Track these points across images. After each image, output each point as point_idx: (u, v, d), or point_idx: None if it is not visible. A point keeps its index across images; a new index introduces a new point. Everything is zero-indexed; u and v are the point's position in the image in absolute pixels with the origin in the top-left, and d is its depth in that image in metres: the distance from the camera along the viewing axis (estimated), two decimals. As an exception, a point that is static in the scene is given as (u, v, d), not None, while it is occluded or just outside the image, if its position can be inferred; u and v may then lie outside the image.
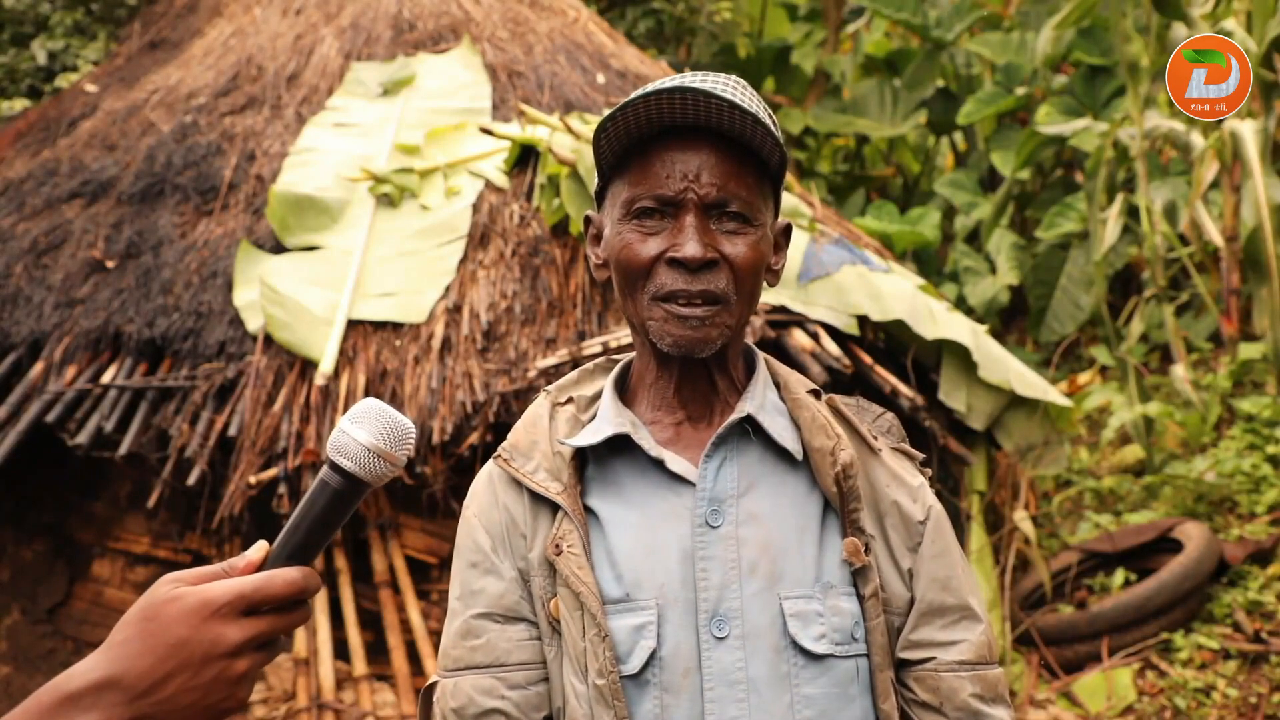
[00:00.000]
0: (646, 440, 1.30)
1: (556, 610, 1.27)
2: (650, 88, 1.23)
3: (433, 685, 1.32)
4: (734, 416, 1.30)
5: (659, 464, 1.29)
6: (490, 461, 1.37)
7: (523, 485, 1.31)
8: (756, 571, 1.26)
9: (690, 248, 1.24)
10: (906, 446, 1.39)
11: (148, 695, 0.94)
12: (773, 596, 1.25)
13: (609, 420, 1.32)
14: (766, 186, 1.31)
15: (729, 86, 1.26)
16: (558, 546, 1.26)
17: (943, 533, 1.35)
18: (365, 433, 1.03)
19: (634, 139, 1.28)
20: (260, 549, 1.03)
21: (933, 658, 1.30)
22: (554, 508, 1.29)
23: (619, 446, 1.31)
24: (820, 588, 1.26)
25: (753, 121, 1.23)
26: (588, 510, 1.30)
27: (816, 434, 1.30)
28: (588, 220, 1.39)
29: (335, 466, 1.03)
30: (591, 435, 1.31)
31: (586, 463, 1.33)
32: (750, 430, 1.31)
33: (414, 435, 1.07)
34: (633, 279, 1.29)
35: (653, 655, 1.24)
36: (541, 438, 1.33)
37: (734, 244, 1.27)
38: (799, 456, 1.31)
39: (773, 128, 1.26)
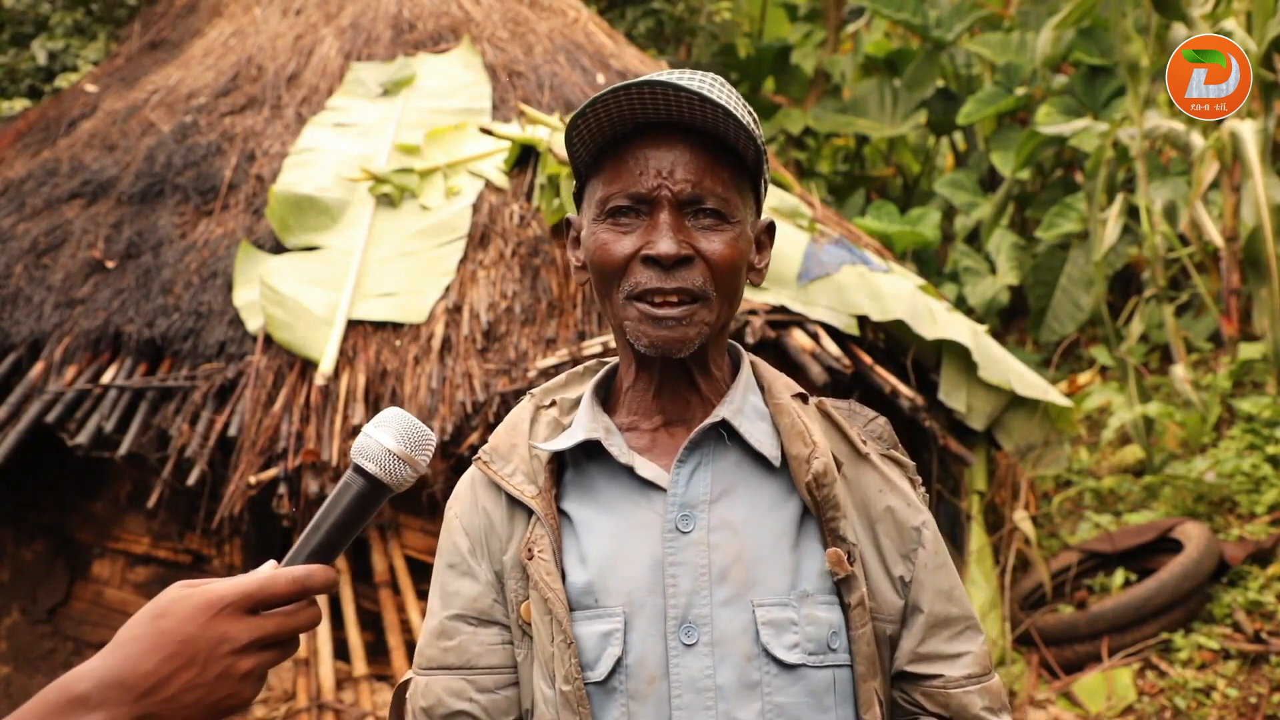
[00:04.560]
0: (616, 446, 1.29)
1: (528, 613, 1.27)
2: (621, 83, 1.22)
3: (407, 682, 1.33)
4: (708, 421, 1.28)
5: (630, 470, 1.28)
6: (472, 463, 1.38)
7: (500, 488, 1.32)
8: (727, 578, 1.24)
9: (664, 244, 1.22)
10: (897, 454, 1.37)
11: (153, 693, 0.95)
12: (745, 604, 1.24)
13: (583, 425, 1.31)
14: (744, 183, 1.29)
15: (704, 83, 1.24)
16: (530, 551, 1.26)
17: (940, 542, 1.34)
18: (388, 437, 1.08)
19: (607, 137, 1.26)
20: (268, 566, 1.04)
21: (941, 674, 1.30)
22: (530, 511, 1.29)
23: (594, 452, 1.30)
24: (796, 596, 1.25)
25: (724, 115, 1.21)
26: (563, 514, 1.30)
27: (794, 441, 1.28)
28: (567, 223, 1.38)
29: (359, 469, 1.07)
30: (564, 440, 1.30)
31: (565, 466, 1.32)
32: (726, 435, 1.30)
33: (434, 442, 1.11)
34: (608, 278, 1.27)
35: (619, 662, 1.23)
36: (521, 441, 1.33)
37: (710, 240, 1.25)
38: (776, 462, 1.29)
39: (748, 123, 1.24)
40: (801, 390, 1.36)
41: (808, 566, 1.26)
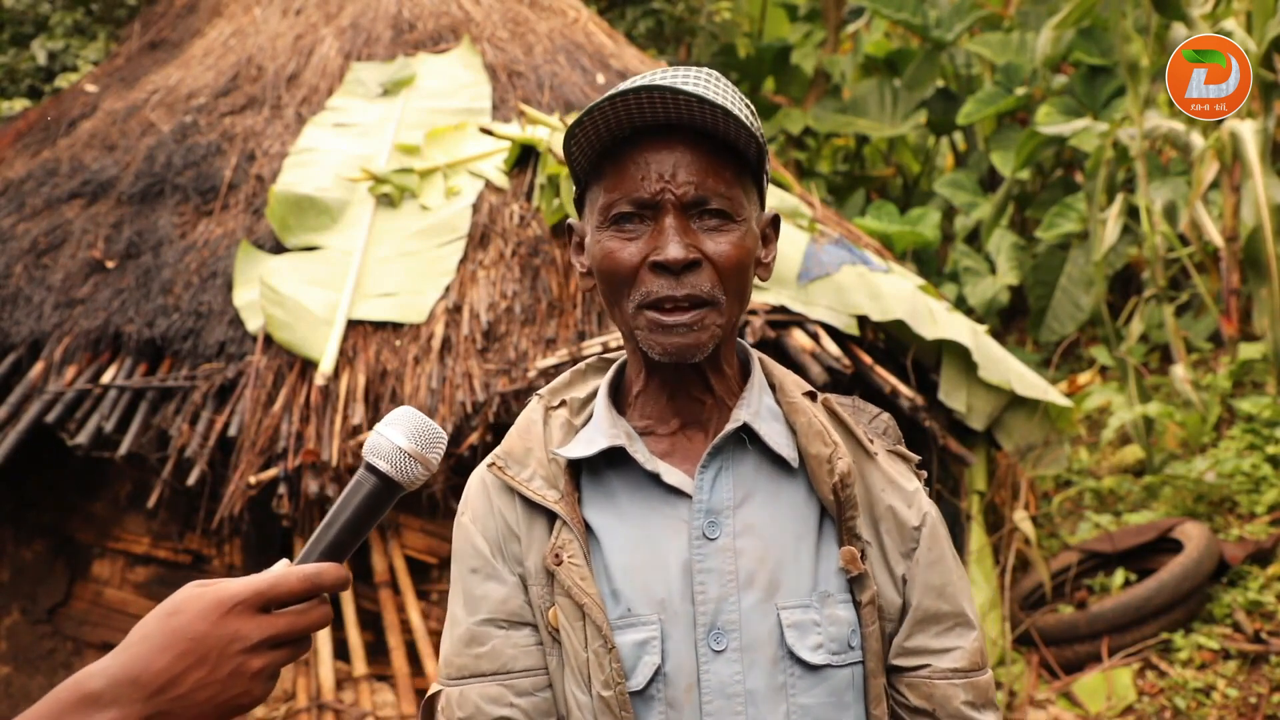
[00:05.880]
0: (641, 453, 1.27)
1: (555, 620, 1.25)
2: (617, 89, 1.20)
3: (435, 695, 1.30)
4: (730, 427, 1.27)
5: (654, 476, 1.27)
6: (483, 467, 1.34)
7: (517, 492, 1.28)
8: (754, 583, 1.24)
9: (671, 250, 1.20)
10: (903, 449, 1.37)
11: (165, 691, 0.95)
12: (770, 607, 1.24)
13: (603, 431, 1.29)
14: (747, 179, 1.27)
15: (700, 81, 1.23)
16: (557, 556, 1.24)
17: (939, 538, 1.33)
18: (400, 435, 1.08)
19: (605, 143, 1.24)
20: (280, 565, 1.05)
21: (926, 665, 1.29)
22: (550, 516, 1.26)
23: (614, 458, 1.28)
24: (817, 597, 1.25)
25: (724, 114, 1.19)
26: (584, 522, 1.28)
27: (813, 440, 1.28)
28: (570, 229, 1.36)
29: (370, 468, 1.08)
30: (585, 447, 1.28)
31: (581, 470, 1.30)
32: (746, 439, 1.29)
33: (444, 440, 1.11)
34: (617, 287, 1.25)
35: (657, 671, 1.22)
36: (535, 444, 1.30)
37: (716, 242, 1.23)
38: (795, 464, 1.29)
39: (748, 119, 1.22)
40: (811, 388, 1.35)
41: (826, 567, 1.26)
